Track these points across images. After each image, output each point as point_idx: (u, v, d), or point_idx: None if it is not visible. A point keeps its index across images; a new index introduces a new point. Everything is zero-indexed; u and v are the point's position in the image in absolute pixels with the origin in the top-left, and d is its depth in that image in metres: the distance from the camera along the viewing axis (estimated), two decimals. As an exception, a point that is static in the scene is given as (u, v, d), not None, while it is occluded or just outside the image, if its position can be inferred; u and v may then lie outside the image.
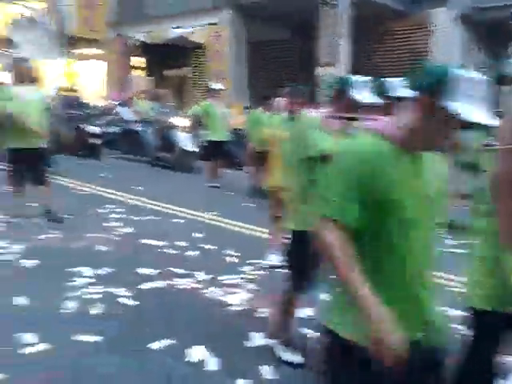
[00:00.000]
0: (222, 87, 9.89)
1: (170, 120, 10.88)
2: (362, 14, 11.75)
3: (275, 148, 4.71)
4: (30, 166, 5.91)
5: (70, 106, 12.30)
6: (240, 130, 10.02)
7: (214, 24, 13.72)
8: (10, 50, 17.53)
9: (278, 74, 13.84)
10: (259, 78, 14.29)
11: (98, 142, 11.76)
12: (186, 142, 10.34)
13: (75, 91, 14.58)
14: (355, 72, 12.03)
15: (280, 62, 14.46)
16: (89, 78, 17.51)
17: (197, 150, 10.32)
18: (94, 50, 17.79)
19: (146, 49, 15.57)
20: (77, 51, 18.83)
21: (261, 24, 13.44)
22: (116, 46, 16.05)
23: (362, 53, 12.86)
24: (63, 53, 18.76)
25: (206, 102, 9.25)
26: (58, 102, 11.60)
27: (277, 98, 6.59)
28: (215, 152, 9.13)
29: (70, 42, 18.35)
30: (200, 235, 5.81)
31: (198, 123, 9.70)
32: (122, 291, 4.10)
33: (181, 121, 10.69)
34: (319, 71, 12.13)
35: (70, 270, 4.49)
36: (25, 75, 5.89)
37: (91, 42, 17.03)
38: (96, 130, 11.73)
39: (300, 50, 14.55)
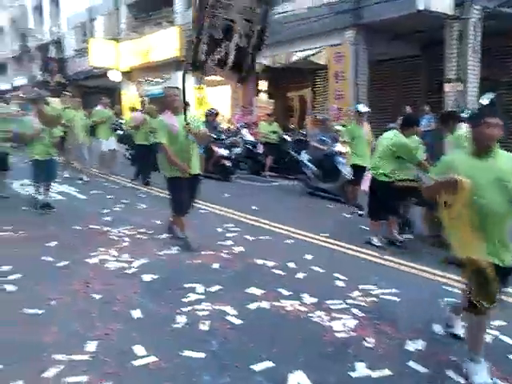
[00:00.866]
0: (369, 110, 9.17)
1: (332, 147, 10.12)
2: (492, 28, 11.05)
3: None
4: (191, 191, 6.05)
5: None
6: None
7: (337, 45, 13.74)
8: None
9: (400, 93, 13.42)
10: (380, 96, 13.98)
11: (228, 163, 12.03)
12: (347, 170, 9.29)
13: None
14: (484, 88, 11.42)
15: (403, 80, 14.03)
16: (216, 103, 18.39)
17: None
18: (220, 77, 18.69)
19: (269, 72, 16.00)
20: (208, 78, 19.94)
21: (384, 42, 13.19)
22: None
23: (491, 68, 12.05)
24: (198, 79, 20.01)
25: (351, 125, 8.86)
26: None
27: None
28: (358, 178, 8.66)
29: (201, 70, 19.48)
30: (310, 257, 5.77)
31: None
32: (229, 309, 4.20)
33: (340, 148, 9.76)
34: (446, 88, 11.60)
35: (184, 285, 4.71)
36: (176, 103, 5.92)
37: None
38: (226, 151, 12.06)
39: (426, 66, 14.02)
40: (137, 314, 4.07)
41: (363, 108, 8.86)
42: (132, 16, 23.86)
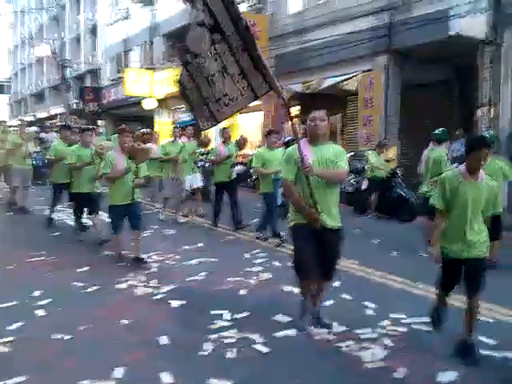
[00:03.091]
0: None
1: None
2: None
3: None
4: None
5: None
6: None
7: (368, 71, 13.75)
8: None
9: (432, 118, 13.27)
10: (412, 121, 13.85)
11: None
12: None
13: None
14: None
15: (435, 105, 13.88)
16: (248, 129, 18.54)
17: None
18: (253, 103, 18.89)
19: (300, 98, 16.06)
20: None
21: (416, 67, 13.12)
22: (274, 97, 16.86)
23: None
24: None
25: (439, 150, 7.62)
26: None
27: None
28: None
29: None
30: (338, 284, 5.67)
31: None
32: (256, 337, 4.14)
33: None
34: (479, 113, 11.42)
35: (211, 312, 4.68)
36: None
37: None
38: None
39: (458, 91, 13.86)
40: (164, 340, 4.06)
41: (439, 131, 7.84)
42: (167, 46, 24.47)
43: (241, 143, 9.46)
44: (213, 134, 16.83)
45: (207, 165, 11.98)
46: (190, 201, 10.48)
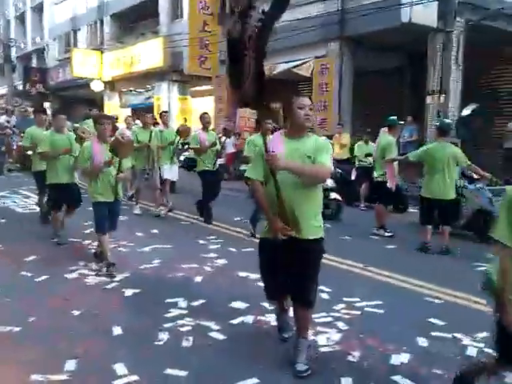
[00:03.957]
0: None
1: None
2: (475, 40, 11.22)
3: None
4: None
5: None
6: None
7: (322, 57, 13.82)
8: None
9: (384, 104, 13.53)
10: (365, 108, 14.07)
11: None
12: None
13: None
14: (466, 100, 11.57)
15: (387, 92, 14.15)
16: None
17: None
18: (205, 87, 18.68)
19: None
20: (193, 89, 19.94)
21: (369, 55, 13.31)
22: (225, 82, 16.78)
23: (473, 80, 12.22)
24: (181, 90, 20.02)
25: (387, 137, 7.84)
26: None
27: None
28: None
29: (185, 80, 19.49)
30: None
31: None
32: (212, 324, 4.12)
33: None
34: (428, 99, 11.72)
35: (166, 300, 4.62)
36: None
37: (204, 80, 17.90)
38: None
39: (409, 78, 14.17)
40: (118, 330, 3.97)
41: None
42: (116, 26, 23.79)
43: (183, 131, 9.25)
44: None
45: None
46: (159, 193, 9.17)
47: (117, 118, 12.96)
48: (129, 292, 4.86)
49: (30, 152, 8.13)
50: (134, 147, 5.97)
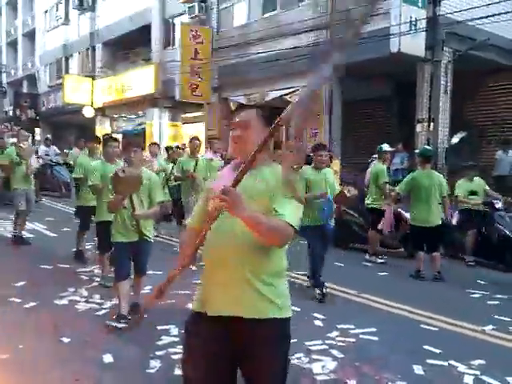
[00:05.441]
0: (390, 149, 8.59)
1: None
2: (463, 69, 11.45)
3: None
4: None
5: None
6: None
7: (311, 85, 14.00)
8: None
9: (373, 132, 13.68)
10: (354, 135, 14.21)
11: None
12: None
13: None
14: (454, 128, 11.73)
15: (377, 120, 14.32)
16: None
17: None
18: (196, 114, 18.79)
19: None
20: (184, 115, 20.06)
21: (357, 83, 13.49)
22: (217, 109, 16.90)
23: (462, 108, 12.43)
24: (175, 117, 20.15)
25: (378, 165, 8.10)
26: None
27: None
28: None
29: (176, 106, 19.60)
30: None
31: None
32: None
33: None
34: (418, 127, 11.88)
35: (157, 327, 4.54)
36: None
37: (196, 106, 18.02)
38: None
39: (398, 107, 14.37)
40: (109, 358, 3.88)
41: (385, 147, 8.24)
42: (108, 54, 23.99)
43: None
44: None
45: None
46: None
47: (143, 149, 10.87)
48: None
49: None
50: (140, 182, 4.65)
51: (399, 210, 8.10)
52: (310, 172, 5.81)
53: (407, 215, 7.54)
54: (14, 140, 9.29)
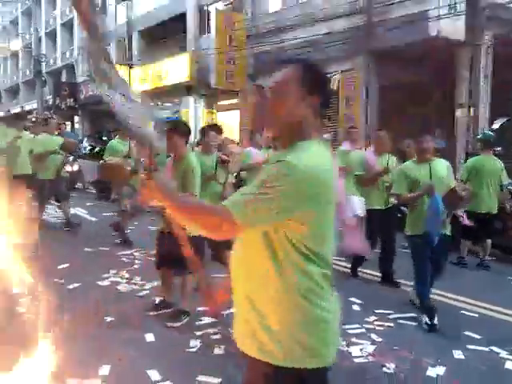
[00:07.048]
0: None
1: None
2: (504, 53, 11.11)
3: None
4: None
5: None
6: None
7: (348, 70, 13.83)
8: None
9: (411, 118, 13.42)
10: (392, 121, 13.98)
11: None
12: None
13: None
14: (495, 113, 11.41)
15: (415, 105, 14.04)
16: (227, 127, 18.49)
17: None
18: (231, 101, 18.84)
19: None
20: (219, 103, 20.15)
21: (396, 67, 13.25)
22: (252, 96, 16.89)
23: (502, 93, 12.07)
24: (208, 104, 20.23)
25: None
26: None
27: None
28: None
29: (211, 94, 19.69)
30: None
31: None
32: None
33: None
34: (458, 113, 11.61)
35: (197, 308, 4.62)
36: None
37: (231, 94, 18.06)
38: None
39: (437, 92, 14.05)
40: (150, 337, 4.00)
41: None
42: (144, 42, 24.25)
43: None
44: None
45: None
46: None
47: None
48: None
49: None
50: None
51: None
52: (410, 166, 4.77)
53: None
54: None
